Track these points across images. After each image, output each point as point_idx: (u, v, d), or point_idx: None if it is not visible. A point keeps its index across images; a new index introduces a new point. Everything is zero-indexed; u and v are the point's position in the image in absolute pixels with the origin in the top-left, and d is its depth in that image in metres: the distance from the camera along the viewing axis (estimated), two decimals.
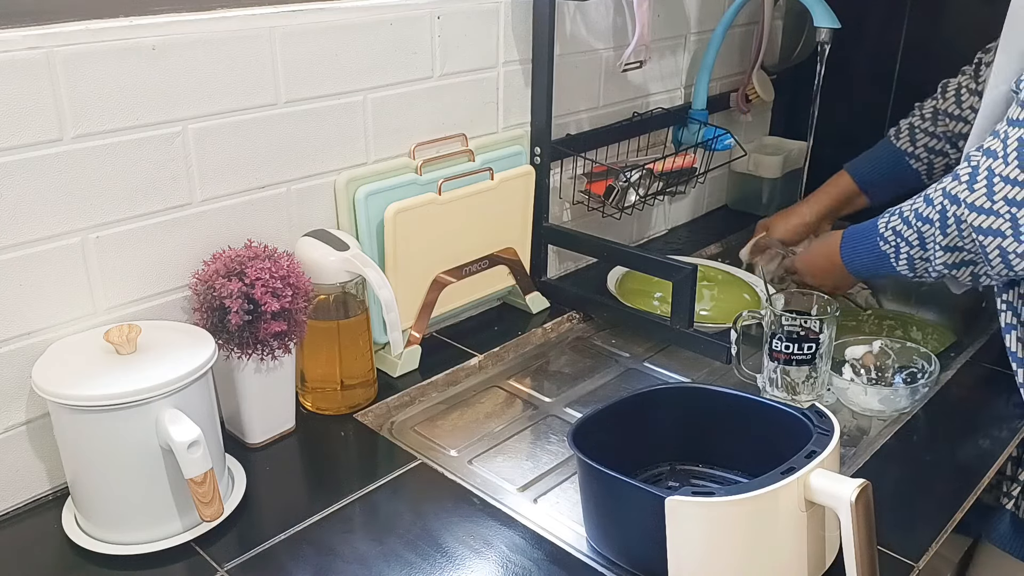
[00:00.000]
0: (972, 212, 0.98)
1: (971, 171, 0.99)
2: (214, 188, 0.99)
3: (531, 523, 0.90)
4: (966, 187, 0.99)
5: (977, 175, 0.98)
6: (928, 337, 1.44)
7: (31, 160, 0.84)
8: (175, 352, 0.86)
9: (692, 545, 0.76)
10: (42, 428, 0.91)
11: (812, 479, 0.75)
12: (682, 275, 1.16)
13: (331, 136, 1.08)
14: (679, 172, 1.49)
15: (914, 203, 1.09)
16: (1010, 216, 0.95)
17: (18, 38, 0.81)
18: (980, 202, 0.97)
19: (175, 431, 0.81)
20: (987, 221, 0.97)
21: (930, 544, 0.86)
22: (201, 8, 0.94)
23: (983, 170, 0.97)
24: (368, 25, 1.08)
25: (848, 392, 1.10)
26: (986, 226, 0.97)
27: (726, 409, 0.91)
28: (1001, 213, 0.95)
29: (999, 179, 0.95)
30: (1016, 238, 0.95)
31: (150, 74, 0.90)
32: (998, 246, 0.97)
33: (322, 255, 1.02)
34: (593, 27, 1.38)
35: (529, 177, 1.28)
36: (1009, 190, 0.94)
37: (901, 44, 1.68)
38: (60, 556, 0.85)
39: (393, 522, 0.89)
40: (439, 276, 1.20)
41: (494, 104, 1.27)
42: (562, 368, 1.25)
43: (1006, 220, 0.95)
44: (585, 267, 1.49)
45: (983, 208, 0.97)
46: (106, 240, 0.92)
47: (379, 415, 1.10)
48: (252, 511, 0.91)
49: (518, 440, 1.08)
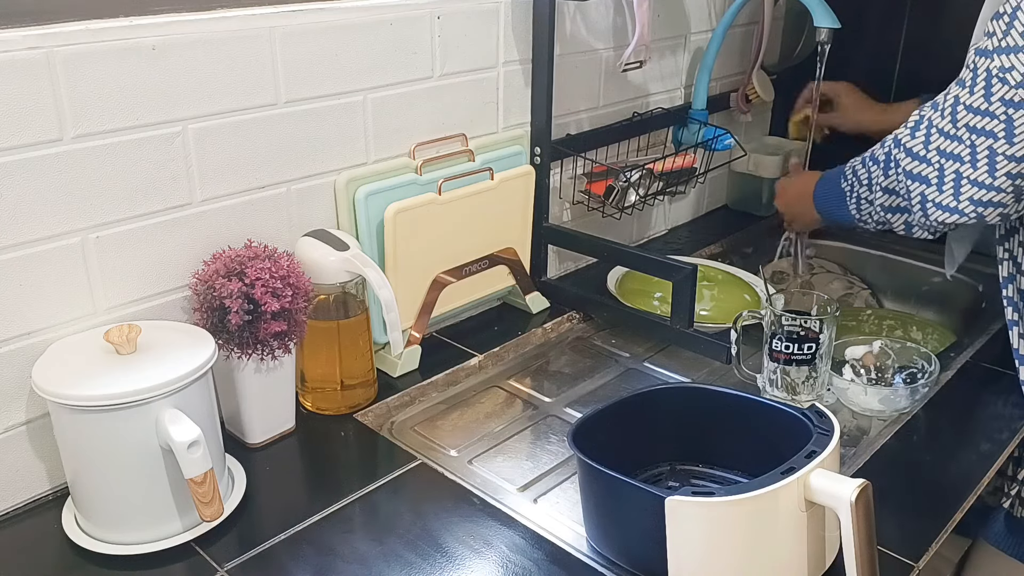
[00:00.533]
0: (907, 156, 1.05)
1: (917, 119, 1.06)
2: (214, 188, 0.99)
3: (531, 523, 0.90)
4: (909, 133, 1.06)
5: (920, 124, 1.05)
6: (928, 337, 1.44)
7: (31, 160, 0.84)
8: (175, 352, 0.86)
9: (692, 545, 0.76)
10: (42, 428, 0.91)
11: (812, 479, 0.75)
12: (682, 275, 1.16)
13: (331, 136, 1.08)
14: (679, 172, 1.49)
15: (873, 148, 1.15)
16: (939, 165, 1.01)
17: (18, 38, 0.81)
18: (916, 148, 1.04)
19: (175, 431, 0.81)
20: (917, 167, 1.04)
21: (930, 544, 0.86)
22: (201, 8, 0.94)
23: (925, 120, 1.04)
24: (368, 25, 1.08)
25: (848, 392, 1.10)
26: (915, 172, 1.04)
27: (726, 409, 0.91)
28: (931, 161, 1.02)
29: (935, 130, 1.02)
30: (939, 188, 1.01)
31: (150, 74, 0.90)
32: (921, 193, 1.04)
33: (322, 255, 1.02)
34: (593, 27, 1.38)
35: (529, 177, 1.28)
36: (941, 141, 1.01)
37: (901, 44, 1.68)
38: (60, 556, 0.85)
39: (393, 522, 0.89)
40: (439, 276, 1.20)
41: (494, 104, 1.27)
42: (562, 368, 1.25)
43: (934, 169, 1.01)
44: (585, 267, 1.49)
45: (917, 154, 1.04)
46: (106, 240, 0.92)
47: (379, 415, 1.10)
48: (252, 511, 0.91)
49: (518, 440, 1.08)
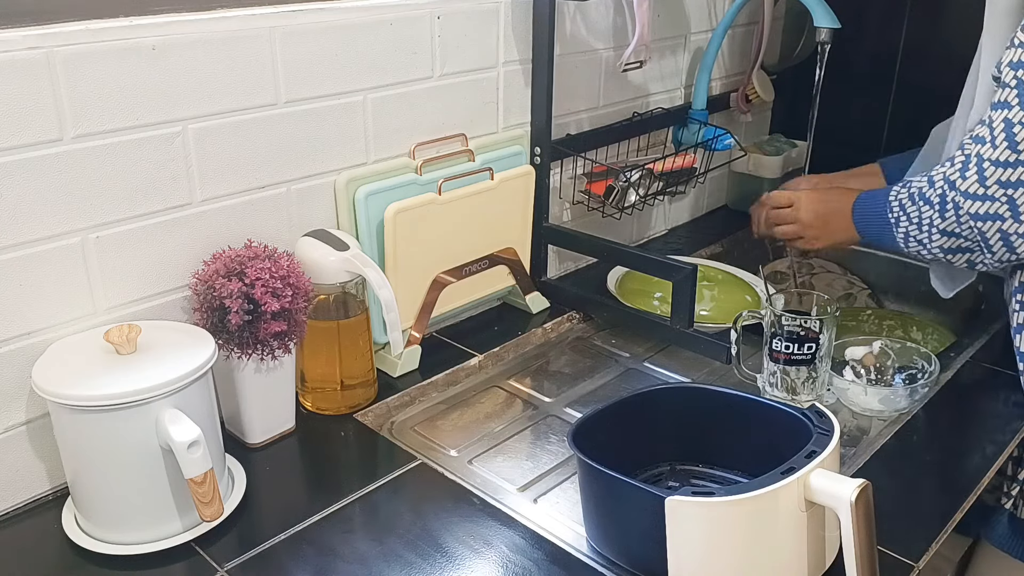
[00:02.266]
0: (967, 199, 0.99)
1: (963, 159, 1.00)
2: (214, 188, 0.99)
3: (531, 523, 0.90)
4: (959, 174, 1.00)
5: (969, 163, 0.99)
6: (928, 337, 1.44)
7: (31, 160, 0.84)
8: (175, 352, 0.86)
9: (692, 545, 0.76)
10: (42, 428, 0.91)
11: (812, 479, 0.75)
12: (682, 275, 1.16)
13: (331, 136, 1.08)
14: (679, 172, 1.49)
15: (920, 182, 1.09)
16: (1007, 198, 0.96)
17: (18, 38, 0.81)
18: (973, 189, 0.98)
19: (175, 431, 0.81)
20: (983, 207, 0.98)
21: (930, 544, 0.86)
22: (201, 8, 0.94)
23: (973, 157, 0.99)
24: (368, 25, 1.08)
25: (848, 392, 1.10)
26: (983, 212, 0.98)
27: (726, 409, 0.91)
28: (996, 197, 0.97)
29: (989, 163, 0.97)
30: (1016, 219, 0.96)
31: (150, 74, 0.90)
32: (998, 229, 0.98)
33: (322, 255, 1.02)
34: (593, 27, 1.38)
35: (529, 177, 1.28)
36: (1001, 173, 0.96)
37: (901, 44, 1.68)
38: (60, 556, 0.85)
39: (393, 522, 0.89)
40: (439, 276, 1.20)
41: (494, 104, 1.27)
42: (562, 368, 1.25)
43: (1002, 203, 0.96)
44: (585, 267, 1.49)
45: (976, 195, 0.98)
46: (106, 240, 0.92)
47: (379, 415, 1.10)
48: (252, 511, 0.91)
49: (518, 440, 1.08)
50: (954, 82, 1.21)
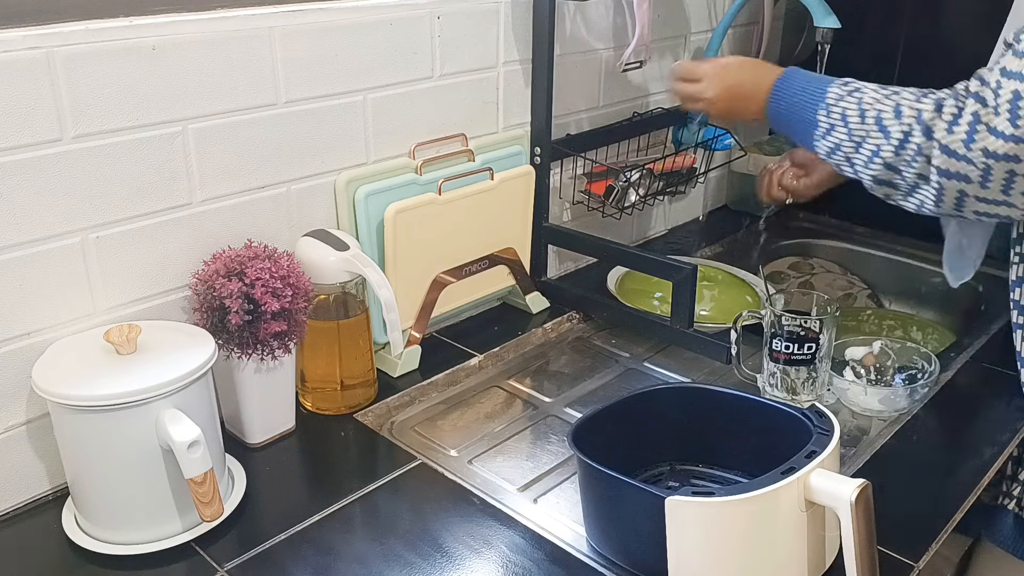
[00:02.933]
0: (943, 154, 0.92)
1: (955, 112, 0.93)
2: (214, 188, 0.99)
3: (531, 523, 0.90)
4: (945, 127, 0.92)
5: (959, 118, 0.92)
6: (928, 337, 1.44)
7: (31, 160, 0.84)
8: (175, 352, 0.86)
9: (692, 545, 0.76)
10: (42, 428, 0.91)
11: (812, 479, 0.75)
12: (682, 275, 1.16)
13: (331, 136, 1.08)
14: (679, 172, 1.49)
15: (881, 104, 0.98)
16: (984, 166, 0.90)
17: (18, 38, 0.81)
18: (955, 147, 0.91)
19: (175, 431, 0.81)
20: (956, 166, 0.92)
21: (930, 544, 0.86)
22: (201, 8, 0.94)
23: (968, 115, 0.91)
24: (368, 25, 1.08)
25: (848, 392, 1.10)
26: (953, 171, 0.92)
27: (726, 409, 0.91)
28: (974, 161, 0.90)
29: (984, 128, 0.90)
30: (983, 186, 0.91)
31: (150, 74, 0.90)
32: (960, 190, 0.93)
33: (322, 255, 1.02)
34: (593, 27, 1.38)
35: (529, 177, 1.28)
36: (992, 141, 0.89)
37: (901, 44, 1.68)
38: (60, 556, 0.85)
39: (393, 522, 0.89)
40: (439, 276, 1.20)
41: (494, 104, 1.27)
42: (562, 368, 1.25)
43: (978, 170, 0.90)
44: (585, 267, 1.49)
45: (956, 153, 0.91)
46: (106, 240, 0.92)
47: (379, 415, 1.10)
48: (252, 511, 0.91)
49: (518, 440, 1.08)
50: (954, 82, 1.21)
